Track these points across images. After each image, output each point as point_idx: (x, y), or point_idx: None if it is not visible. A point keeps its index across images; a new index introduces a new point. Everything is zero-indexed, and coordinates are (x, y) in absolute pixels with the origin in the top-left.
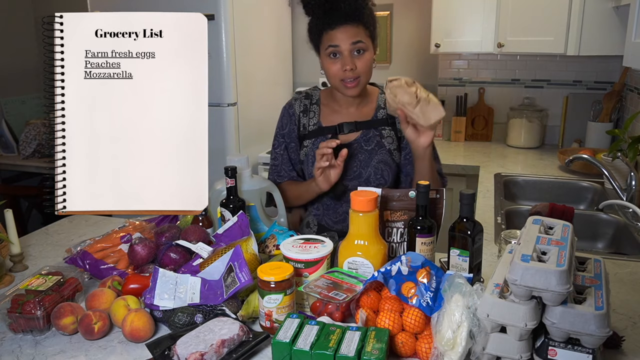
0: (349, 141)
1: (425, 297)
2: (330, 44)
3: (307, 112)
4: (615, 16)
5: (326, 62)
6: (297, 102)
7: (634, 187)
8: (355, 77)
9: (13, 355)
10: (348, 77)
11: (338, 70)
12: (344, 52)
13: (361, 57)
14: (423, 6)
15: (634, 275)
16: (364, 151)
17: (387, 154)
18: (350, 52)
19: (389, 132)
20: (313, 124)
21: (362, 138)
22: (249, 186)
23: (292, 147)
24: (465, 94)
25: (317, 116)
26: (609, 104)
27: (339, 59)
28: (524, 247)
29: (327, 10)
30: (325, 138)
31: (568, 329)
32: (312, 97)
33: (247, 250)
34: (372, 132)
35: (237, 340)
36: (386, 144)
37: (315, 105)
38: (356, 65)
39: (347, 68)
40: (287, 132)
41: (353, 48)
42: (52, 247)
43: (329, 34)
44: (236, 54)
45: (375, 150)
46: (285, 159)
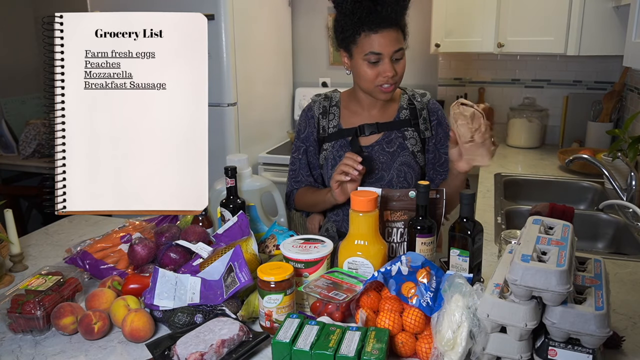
0: (370, 143)
1: (425, 297)
2: (371, 50)
3: (326, 114)
4: (615, 16)
5: (362, 66)
6: (317, 105)
7: (634, 187)
8: (394, 83)
9: (13, 355)
10: (387, 82)
11: (376, 76)
12: (385, 59)
13: (400, 62)
14: (423, 6)
15: (634, 275)
16: (386, 153)
17: (410, 155)
18: (391, 58)
19: (411, 134)
20: (333, 127)
21: (384, 140)
22: (249, 186)
23: (311, 151)
24: (465, 94)
25: (337, 118)
26: (609, 104)
27: (379, 64)
28: (524, 247)
29: (369, 11)
30: (346, 141)
31: (568, 329)
32: (332, 99)
33: (247, 250)
34: (395, 134)
35: (237, 340)
36: (409, 145)
37: (335, 107)
38: (396, 72)
39: (389, 75)
40: (305, 135)
41: (394, 55)
42: (52, 247)
43: (369, 37)
44: (236, 54)
45: (397, 152)
46: (303, 163)
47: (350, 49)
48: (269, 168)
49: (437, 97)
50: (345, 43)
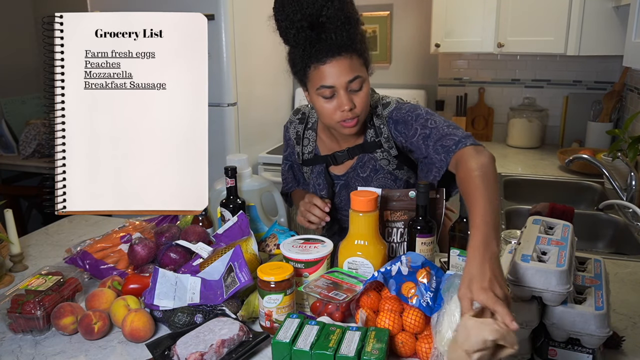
0: (345, 171)
1: (425, 297)
2: (322, 84)
3: (300, 139)
4: (615, 16)
5: (318, 102)
6: (292, 127)
7: (634, 187)
8: (355, 116)
9: (13, 355)
10: (346, 117)
11: (334, 111)
12: (339, 91)
13: (359, 93)
14: (423, 6)
15: (634, 275)
16: (360, 179)
17: (387, 175)
18: (346, 89)
19: (381, 155)
20: (308, 152)
21: (358, 164)
22: (249, 186)
23: (296, 167)
24: (465, 94)
25: (312, 143)
26: (609, 104)
27: (334, 98)
28: (524, 247)
29: (314, 41)
30: (321, 167)
31: (568, 329)
32: (309, 120)
33: (247, 250)
34: (367, 156)
35: (237, 340)
36: (383, 165)
37: (311, 130)
38: (355, 104)
39: (346, 108)
40: (287, 154)
41: (349, 85)
42: (52, 247)
43: (318, 70)
44: (236, 54)
45: (370, 176)
46: (290, 176)
47: (305, 84)
48: (269, 168)
49: (437, 97)
50: (299, 77)
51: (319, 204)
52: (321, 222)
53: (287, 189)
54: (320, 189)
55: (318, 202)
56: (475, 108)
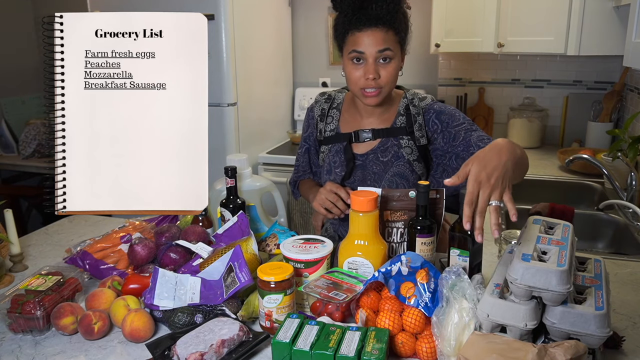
0: (365, 151)
1: (423, 298)
2: (354, 49)
3: (324, 117)
4: (615, 16)
5: (348, 66)
6: (317, 106)
7: (634, 187)
8: (378, 87)
9: (13, 355)
10: (370, 85)
11: (360, 77)
12: (369, 59)
13: (387, 65)
14: (423, 6)
15: (634, 275)
16: (379, 163)
17: (406, 165)
18: (375, 59)
19: (407, 142)
20: (330, 130)
21: (379, 148)
22: (249, 186)
23: (313, 151)
24: (465, 94)
25: (335, 121)
26: (609, 104)
27: (362, 65)
28: (525, 247)
29: (356, 9)
30: (342, 145)
31: (568, 329)
32: (334, 101)
33: (247, 250)
34: (391, 142)
35: (237, 340)
36: (405, 154)
37: (336, 109)
38: (380, 75)
39: (370, 77)
40: (307, 135)
41: (379, 56)
42: (52, 247)
43: (354, 36)
44: (236, 54)
45: (391, 162)
46: (305, 161)
47: (342, 48)
48: (269, 168)
49: (437, 97)
50: (338, 42)
51: (343, 195)
52: (341, 215)
53: (297, 177)
54: (336, 166)
55: (342, 193)
56: (475, 108)
